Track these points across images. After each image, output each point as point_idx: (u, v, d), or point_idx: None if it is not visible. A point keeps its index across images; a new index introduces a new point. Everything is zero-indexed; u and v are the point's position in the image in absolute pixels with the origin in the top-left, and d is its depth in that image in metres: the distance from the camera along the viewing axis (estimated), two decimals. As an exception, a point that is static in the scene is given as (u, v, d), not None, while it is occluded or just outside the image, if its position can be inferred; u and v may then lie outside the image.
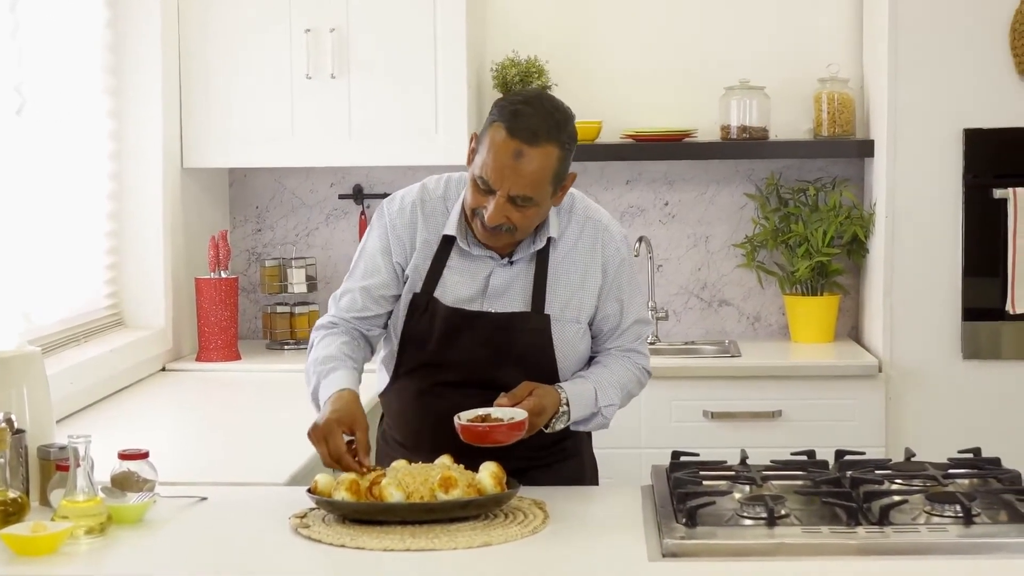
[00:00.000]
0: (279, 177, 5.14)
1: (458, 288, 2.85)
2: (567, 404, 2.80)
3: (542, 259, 2.86)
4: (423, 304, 2.85)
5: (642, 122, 5.00)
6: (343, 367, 2.81)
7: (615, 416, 2.93)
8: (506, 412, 2.69)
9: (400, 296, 2.90)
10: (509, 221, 2.73)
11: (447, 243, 2.86)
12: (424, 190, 2.92)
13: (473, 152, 2.77)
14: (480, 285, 2.85)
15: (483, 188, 2.72)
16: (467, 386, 2.81)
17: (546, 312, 2.85)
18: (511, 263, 2.86)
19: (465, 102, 4.64)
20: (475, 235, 2.82)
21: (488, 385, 2.78)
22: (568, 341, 2.88)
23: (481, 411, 2.70)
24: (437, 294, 2.85)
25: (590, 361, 2.96)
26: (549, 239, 2.85)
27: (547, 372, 2.85)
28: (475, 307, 2.85)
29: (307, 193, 5.15)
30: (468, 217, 2.80)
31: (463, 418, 2.69)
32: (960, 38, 4.53)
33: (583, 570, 2.31)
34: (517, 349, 2.84)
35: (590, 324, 2.92)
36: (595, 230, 2.91)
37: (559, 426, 2.82)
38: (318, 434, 2.65)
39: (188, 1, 4.64)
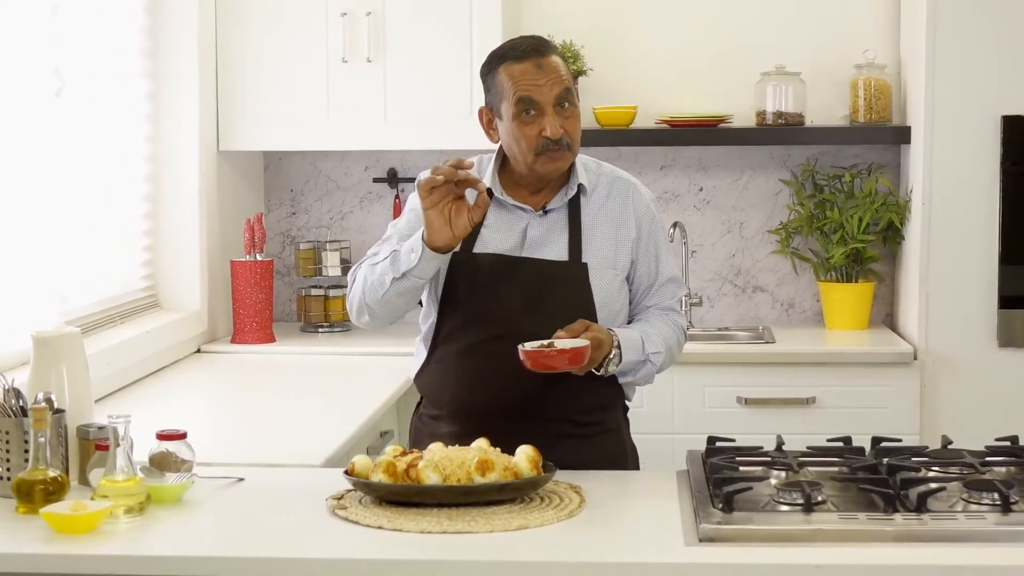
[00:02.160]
0: (314, 160, 5.15)
1: (497, 242, 2.94)
2: (618, 346, 2.86)
3: (575, 212, 2.95)
4: (464, 260, 2.92)
5: (677, 107, 4.99)
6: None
7: (648, 393, 2.97)
8: (567, 343, 2.76)
9: None
10: (567, 133, 2.86)
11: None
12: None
13: (491, 121, 2.94)
14: (518, 238, 2.94)
15: (530, 112, 2.86)
16: (507, 339, 2.82)
17: (583, 261, 2.92)
18: (545, 213, 2.95)
19: (500, 86, 4.63)
20: (535, 173, 2.90)
21: (526, 339, 2.80)
22: (605, 289, 2.94)
23: (544, 342, 2.76)
24: (476, 250, 2.92)
25: (629, 323, 3.01)
26: (580, 186, 2.96)
27: None
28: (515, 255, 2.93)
29: (342, 176, 5.16)
30: (530, 161, 2.88)
31: (528, 346, 2.74)
32: (998, 24, 4.50)
33: (619, 554, 2.31)
34: (556, 298, 2.90)
35: (629, 281, 2.99)
36: (625, 187, 3.04)
37: (611, 369, 2.88)
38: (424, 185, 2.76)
39: (225, -16, 4.66)
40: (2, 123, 3.41)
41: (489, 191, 2.87)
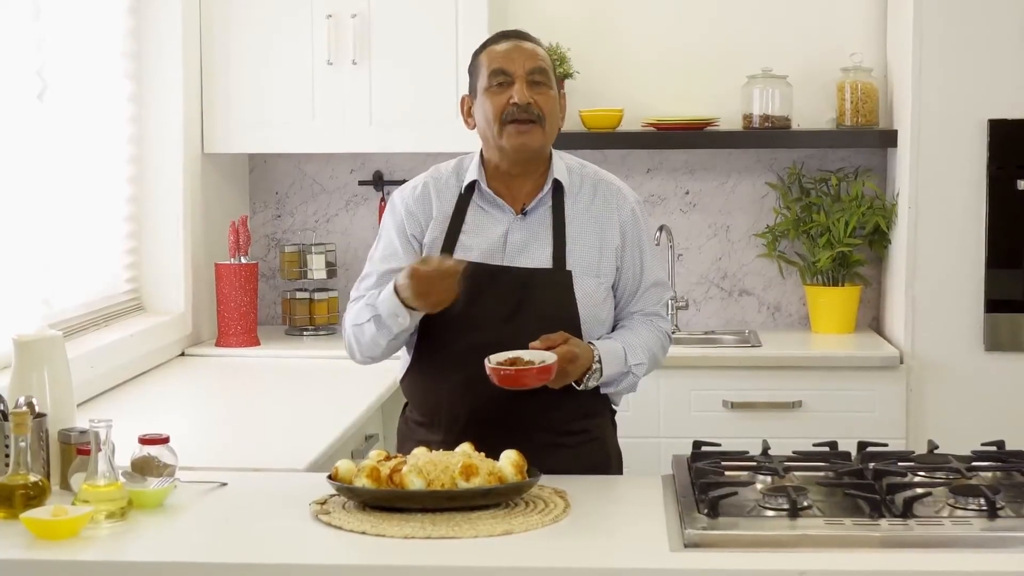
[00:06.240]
0: (299, 163, 5.13)
1: (477, 247, 2.92)
2: (599, 361, 2.84)
3: (558, 215, 2.93)
4: None
5: (664, 110, 4.99)
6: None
7: (634, 398, 2.95)
8: (536, 355, 2.73)
9: None
10: (536, 105, 2.86)
11: (463, 204, 2.94)
12: (435, 170, 3.04)
13: (470, 108, 2.96)
14: (498, 243, 2.92)
15: (502, 82, 2.89)
16: (490, 348, 2.80)
17: (567, 268, 2.90)
18: (525, 215, 2.93)
19: (486, 89, 4.62)
20: (503, 150, 2.90)
21: (510, 348, 2.78)
22: (589, 296, 2.92)
23: (512, 354, 2.73)
24: (458, 255, 2.90)
25: (613, 329, 2.99)
26: (560, 185, 2.94)
27: (570, 330, 2.86)
28: (496, 262, 2.91)
29: (327, 179, 5.14)
30: (497, 132, 2.89)
31: (493, 360, 2.72)
32: (985, 28, 4.50)
33: (604, 559, 2.30)
34: (540, 306, 2.87)
35: (613, 287, 2.97)
36: (608, 191, 3.02)
37: (592, 383, 2.86)
38: (412, 274, 2.74)
39: (210, -14, 4.65)
40: (-16, 125, 3.39)
41: (469, 197, 2.86)
